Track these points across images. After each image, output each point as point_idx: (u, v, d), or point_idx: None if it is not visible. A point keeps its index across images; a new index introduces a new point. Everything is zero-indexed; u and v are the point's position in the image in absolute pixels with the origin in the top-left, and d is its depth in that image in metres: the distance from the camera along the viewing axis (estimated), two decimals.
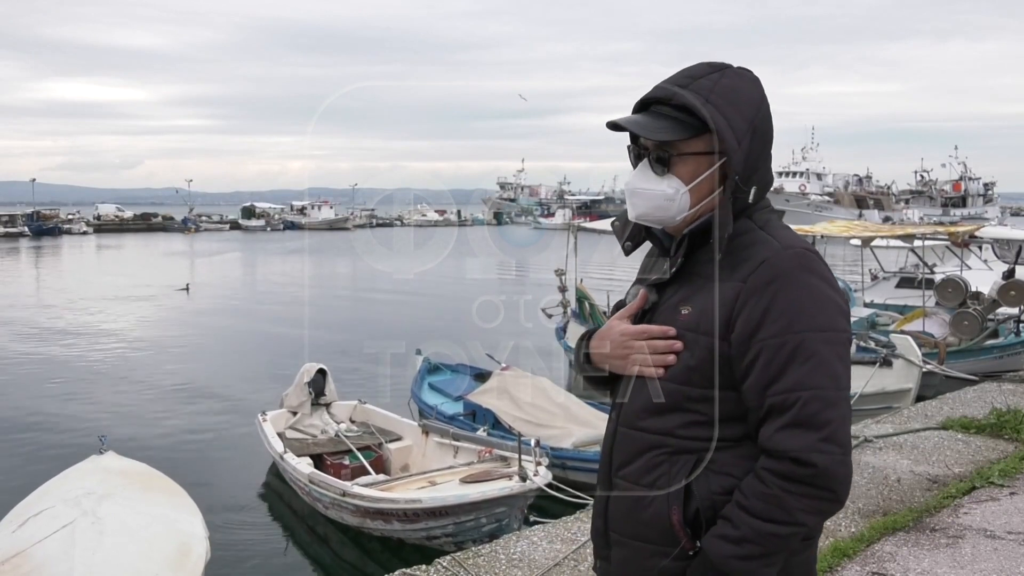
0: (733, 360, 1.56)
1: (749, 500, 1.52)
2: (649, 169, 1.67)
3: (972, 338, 11.89)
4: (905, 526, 4.52)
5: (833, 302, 1.56)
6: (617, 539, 1.71)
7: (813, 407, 1.48)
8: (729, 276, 1.60)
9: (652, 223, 1.71)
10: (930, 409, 7.36)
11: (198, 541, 5.53)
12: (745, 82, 1.66)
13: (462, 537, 6.81)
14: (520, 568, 4.10)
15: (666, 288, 1.71)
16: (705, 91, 1.61)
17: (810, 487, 1.48)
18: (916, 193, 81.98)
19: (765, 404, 1.52)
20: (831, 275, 1.60)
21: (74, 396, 13.51)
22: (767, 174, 1.69)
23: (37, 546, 5.14)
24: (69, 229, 74.05)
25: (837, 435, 1.49)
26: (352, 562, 7.50)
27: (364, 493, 7.17)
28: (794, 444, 1.48)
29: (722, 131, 1.58)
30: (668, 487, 1.61)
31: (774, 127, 1.70)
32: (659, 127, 1.63)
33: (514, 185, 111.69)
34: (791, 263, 1.55)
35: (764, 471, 1.51)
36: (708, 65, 1.67)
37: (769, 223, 1.65)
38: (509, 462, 7.36)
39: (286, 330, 20.21)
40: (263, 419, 9.18)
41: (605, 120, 1.67)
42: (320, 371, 9.65)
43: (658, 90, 1.67)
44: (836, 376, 1.52)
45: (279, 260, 47.35)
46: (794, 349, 1.51)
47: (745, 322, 1.55)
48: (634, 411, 1.69)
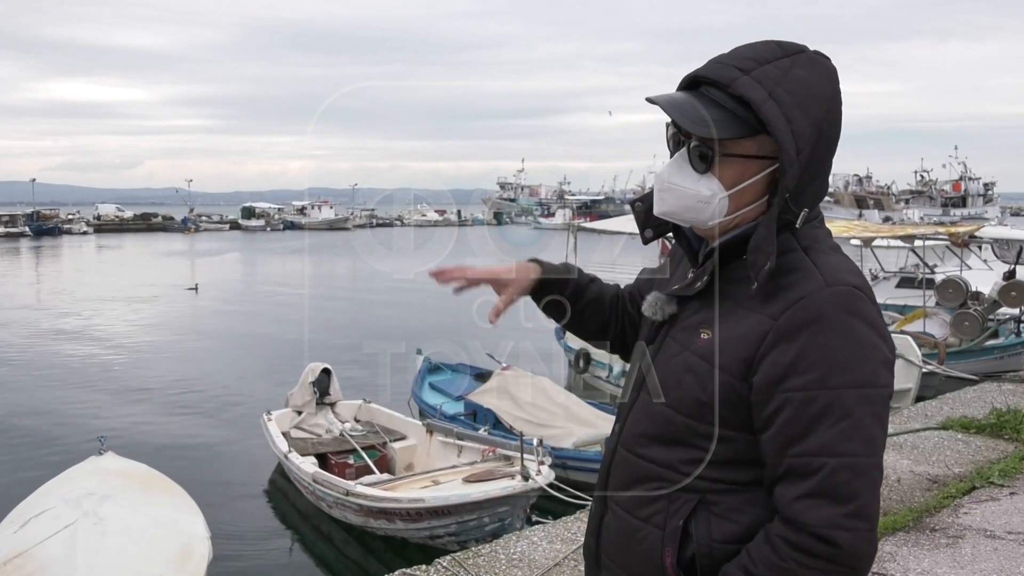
0: (753, 406, 1.36)
1: (759, 569, 1.33)
2: (687, 163, 1.41)
3: (973, 339, 11.90)
4: (905, 526, 4.53)
5: (878, 352, 1.34)
6: (607, 564, 1.57)
7: (841, 476, 1.29)
8: (759, 307, 1.37)
9: (678, 221, 1.48)
10: (930, 409, 7.36)
11: (200, 541, 5.53)
12: (820, 73, 1.38)
13: (465, 536, 6.82)
14: (520, 568, 4.10)
15: (689, 302, 1.50)
16: (772, 82, 1.33)
17: (830, 564, 1.29)
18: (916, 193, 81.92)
19: (784, 463, 1.33)
20: (878, 317, 1.37)
21: (79, 396, 13.51)
22: (823, 185, 1.43)
23: (39, 547, 5.15)
24: (69, 229, 74.14)
25: (865, 509, 1.30)
26: (356, 561, 7.52)
27: (367, 492, 7.20)
28: (816, 518, 1.29)
29: (782, 137, 1.32)
30: (664, 525, 1.44)
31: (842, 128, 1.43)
32: (707, 119, 1.35)
33: (514, 185, 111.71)
34: (833, 304, 1.32)
35: (779, 540, 1.32)
36: (778, 46, 1.39)
37: (816, 243, 1.42)
38: (512, 461, 7.38)
39: (291, 330, 20.26)
40: (268, 419, 9.22)
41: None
42: (325, 370, 9.68)
43: (713, 69, 1.38)
44: (871, 441, 1.32)
45: (281, 260, 47.48)
46: (825, 406, 1.30)
47: (771, 366, 1.33)
48: (636, 435, 1.52)
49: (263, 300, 27.55)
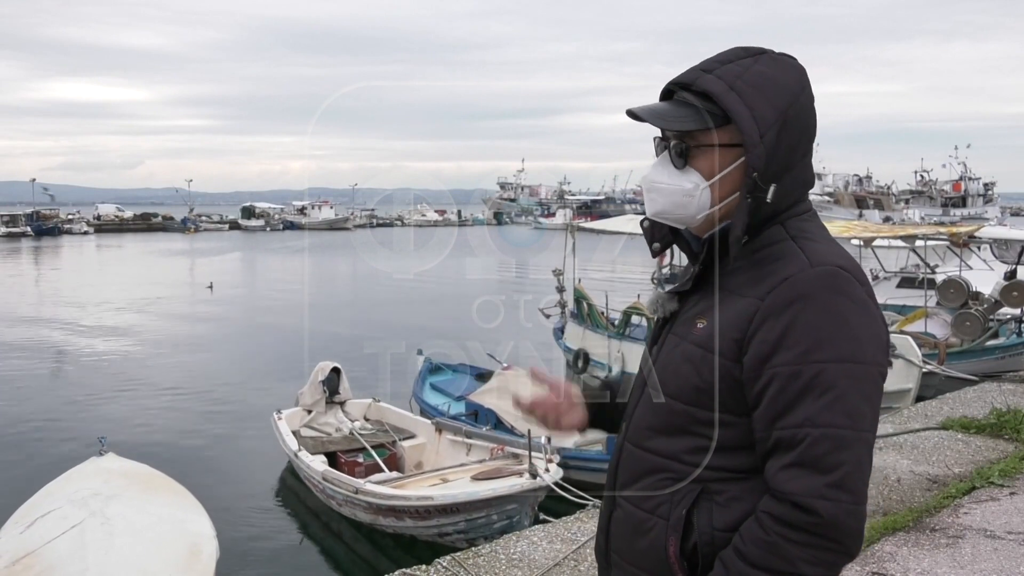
0: (745, 385, 1.40)
1: (747, 546, 1.36)
2: (668, 162, 1.50)
3: (974, 339, 11.91)
4: (905, 526, 4.55)
5: (866, 329, 1.38)
6: (616, 560, 1.61)
7: (823, 447, 1.32)
8: (749, 291, 1.43)
9: (671, 221, 1.55)
10: (930, 409, 7.39)
11: (207, 540, 5.56)
12: (782, 69, 1.48)
13: (473, 534, 6.85)
14: (520, 568, 4.13)
15: (689, 297, 1.57)
16: (733, 76, 1.44)
17: (813, 536, 1.32)
18: (916, 193, 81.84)
19: (772, 437, 1.37)
20: (867, 297, 1.41)
21: (86, 396, 13.51)
22: (803, 173, 1.51)
23: (47, 546, 5.16)
24: (70, 229, 74.15)
25: (848, 481, 1.31)
26: (365, 558, 7.55)
27: (376, 490, 7.24)
28: (797, 487, 1.32)
29: (743, 122, 1.41)
30: (668, 516, 1.47)
31: (817, 125, 1.51)
32: (678, 115, 1.46)
33: (514, 185, 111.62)
34: (818, 283, 1.38)
35: (764, 514, 1.36)
36: (743, 49, 1.50)
37: (804, 233, 1.48)
38: (521, 459, 7.42)
39: (299, 328, 20.39)
40: (278, 417, 9.26)
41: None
42: (335, 369, 9.73)
43: (682, 74, 1.50)
44: (856, 415, 1.34)
45: (283, 259, 47.47)
46: (810, 380, 1.34)
47: (759, 345, 1.38)
48: (641, 429, 1.56)
49: (273, 299, 27.71)
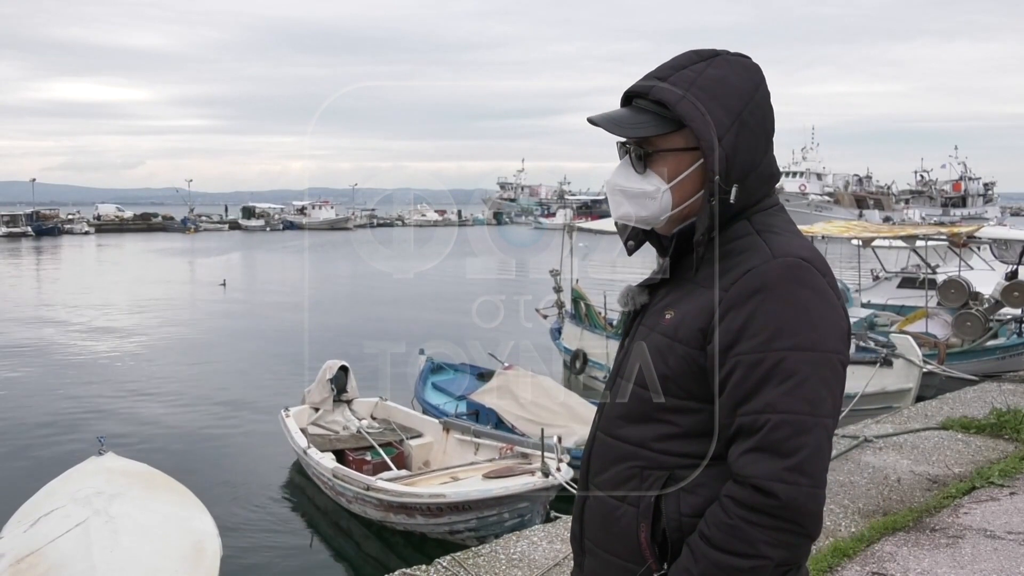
0: (709, 373, 1.45)
1: (710, 529, 1.40)
2: (630, 167, 1.56)
3: (975, 339, 11.91)
4: (905, 526, 4.56)
5: (826, 319, 1.42)
6: (590, 547, 1.64)
7: (782, 432, 1.36)
8: (714, 283, 1.49)
9: (636, 223, 1.60)
10: (930, 409, 7.40)
11: (211, 538, 5.57)
12: (735, 70, 1.52)
13: (484, 532, 6.84)
14: (520, 568, 4.13)
15: (657, 290, 1.64)
16: (686, 83, 1.48)
17: (773, 518, 1.36)
18: (916, 193, 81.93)
19: (735, 423, 1.41)
20: (829, 288, 1.46)
21: (89, 396, 13.48)
22: (767, 169, 1.55)
23: (52, 545, 5.17)
24: (70, 229, 74.12)
25: (807, 465, 1.36)
26: (375, 556, 7.55)
27: (388, 487, 7.24)
28: (757, 470, 1.36)
29: (698, 127, 1.46)
30: (638, 503, 1.51)
31: (775, 119, 1.56)
32: (635, 122, 1.51)
33: (514, 185, 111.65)
34: (779, 273, 1.42)
35: (726, 498, 1.40)
36: (696, 53, 1.54)
37: (770, 227, 1.52)
38: (530, 459, 7.43)
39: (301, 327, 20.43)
40: (286, 415, 9.27)
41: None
42: (343, 368, 9.74)
43: (637, 83, 1.55)
44: (815, 401, 1.39)
45: (283, 259, 47.52)
46: (771, 367, 1.38)
47: (724, 333, 1.43)
48: (612, 417, 1.60)
49: (283, 296, 27.85)
